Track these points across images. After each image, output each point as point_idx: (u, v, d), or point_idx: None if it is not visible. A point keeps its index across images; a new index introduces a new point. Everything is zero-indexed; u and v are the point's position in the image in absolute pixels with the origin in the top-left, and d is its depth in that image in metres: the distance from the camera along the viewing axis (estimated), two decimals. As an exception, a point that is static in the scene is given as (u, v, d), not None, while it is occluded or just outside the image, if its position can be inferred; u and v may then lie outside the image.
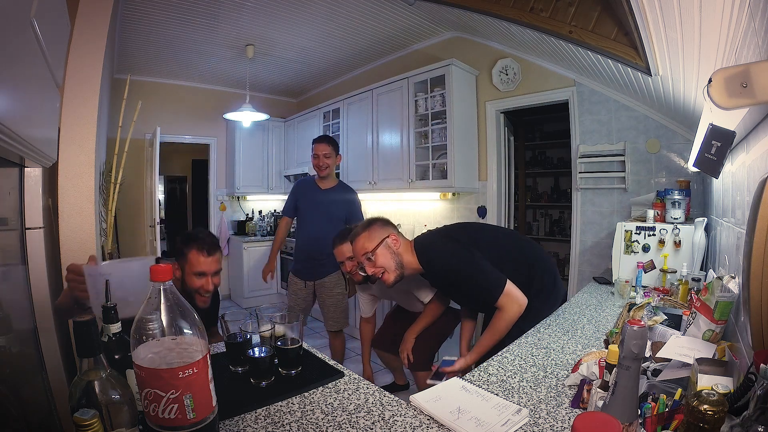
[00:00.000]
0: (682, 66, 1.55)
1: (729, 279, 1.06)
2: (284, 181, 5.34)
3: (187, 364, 0.61)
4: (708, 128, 1.08)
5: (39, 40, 0.63)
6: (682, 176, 2.41)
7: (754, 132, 1.06)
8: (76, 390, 0.59)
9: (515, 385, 1.01)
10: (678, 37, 1.35)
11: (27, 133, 0.58)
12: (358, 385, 1.03)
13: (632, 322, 0.61)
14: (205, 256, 1.43)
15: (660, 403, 0.76)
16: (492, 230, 1.92)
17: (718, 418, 0.50)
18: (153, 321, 0.61)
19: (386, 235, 1.59)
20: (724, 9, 0.94)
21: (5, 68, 0.45)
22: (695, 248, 1.93)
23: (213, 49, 3.96)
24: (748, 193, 1.03)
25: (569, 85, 2.92)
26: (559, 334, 1.40)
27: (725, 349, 0.92)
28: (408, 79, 3.43)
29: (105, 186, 2.82)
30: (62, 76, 1.28)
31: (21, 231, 1.24)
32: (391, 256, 1.57)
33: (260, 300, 4.89)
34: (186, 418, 0.62)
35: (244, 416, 0.87)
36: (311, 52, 4.10)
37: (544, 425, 0.83)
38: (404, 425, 0.84)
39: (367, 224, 1.64)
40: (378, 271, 1.57)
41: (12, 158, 0.99)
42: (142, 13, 3.11)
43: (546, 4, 2.03)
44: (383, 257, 1.56)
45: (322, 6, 3.11)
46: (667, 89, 1.99)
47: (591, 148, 2.86)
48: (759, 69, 0.65)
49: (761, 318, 0.73)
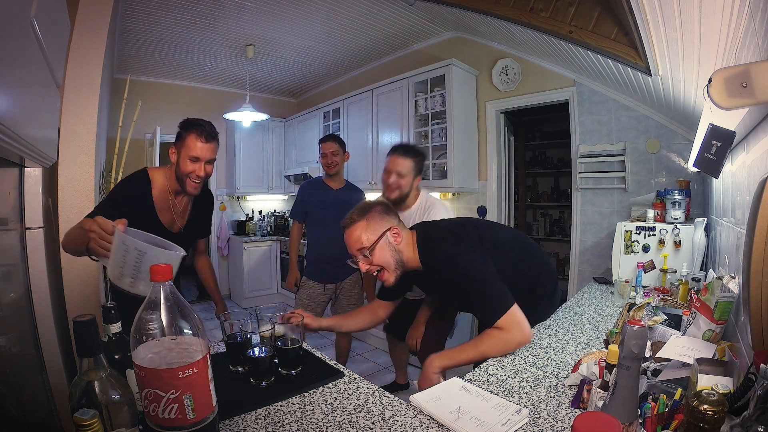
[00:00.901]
0: (682, 66, 1.55)
1: (729, 279, 1.06)
2: (284, 181, 5.34)
3: (187, 364, 0.61)
4: (708, 128, 1.08)
5: (39, 40, 0.63)
6: (682, 176, 2.41)
7: (754, 132, 1.06)
8: (76, 390, 0.59)
9: (515, 385, 1.01)
10: (678, 37, 1.35)
11: (27, 133, 0.58)
12: (358, 385, 1.03)
13: (632, 322, 0.61)
14: (202, 142, 1.47)
15: (660, 403, 0.76)
16: (500, 229, 1.73)
17: (718, 418, 0.50)
18: (153, 321, 0.61)
19: (387, 228, 1.35)
20: (724, 9, 0.94)
21: (5, 68, 0.45)
22: (695, 248, 1.93)
23: (213, 49, 3.96)
24: (748, 193, 1.03)
25: (569, 85, 2.92)
26: (559, 334, 1.40)
27: (725, 349, 0.92)
28: (408, 79, 3.43)
29: (105, 186, 2.82)
30: (62, 76, 1.28)
31: (21, 231, 1.24)
32: (391, 253, 1.35)
33: (260, 300, 4.89)
34: (186, 418, 0.62)
35: (244, 416, 0.87)
36: (311, 52, 4.10)
37: (544, 425, 0.83)
38: (404, 425, 0.84)
39: (364, 210, 1.37)
40: (373, 269, 1.35)
41: (12, 158, 0.99)
42: (142, 13, 3.11)
43: (546, 4, 2.03)
44: (382, 254, 1.33)
45: (322, 6, 3.11)
46: (667, 89, 1.99)
47: (591, 148, 2.86)
48: (759, 69, 0.65)
49: (761, 318, 0.73)
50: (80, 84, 1.90)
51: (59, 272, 1.70)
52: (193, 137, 1.46)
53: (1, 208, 1.09)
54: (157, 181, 1.52)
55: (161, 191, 1.53)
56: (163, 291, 0.62)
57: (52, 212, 1.69)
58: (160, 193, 1.52)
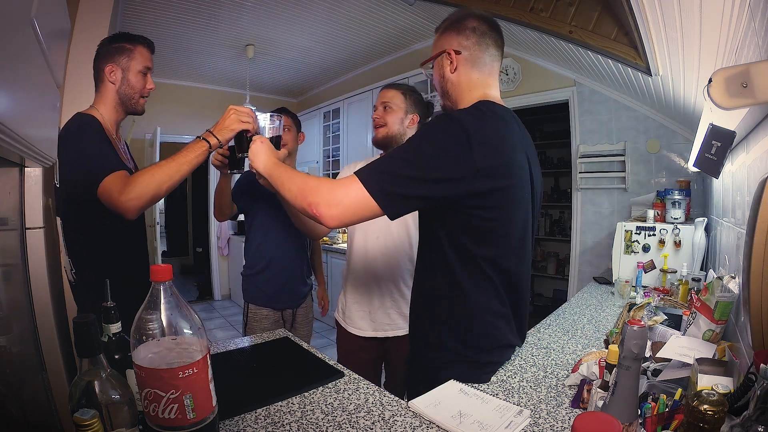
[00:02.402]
0: (682, 66, 1.55)
1: (729, 279, 1.06)
2: (284, 181, 5.33)
3: (187, 364, 0.61)
4: (708, 128, 1.08)
5: (39, 40, 0.63)
6: (682, 176, 2.41)
7: (754, 132, 1.06)
8: (76, 390, 0.59)
9: (515, 385, 1.01)
10: (678, 37, 1.35)
11: (27, 133, 0.58)
12: (358, 385, 1.03)
13: (632, 322, 0.61)
14: (150, 53, 1.36)
15: (660, 403, 0.76)
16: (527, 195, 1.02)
17: (718, 418, 0.50)
18: (153, 321, 0.61)
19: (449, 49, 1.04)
20: (724, 9, 0.94)
21: (5, 68, 0.45)
22: (695, 248, 1.93)
23: (213, 49, 3.96)
24: (748, 193, 1.03)
25: (569, 85, 2.92)
26: (559, 334, 1.40)
27: (725, 349, 0.92)
28: (408, 79, 3.43)
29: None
30: (62, 76, 1.28)
31: (21, 231, 1.24)
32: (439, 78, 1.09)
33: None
34: (186, 418, 0.62)
35: (244, 416, 0.87)
36: (311, 52, 4.10)
37: (544, 425, 0.83)
38: (404, 425, 0.84)
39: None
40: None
41: (12, 158, 0.99)
42: (142, 13, 3.11)
43: (546, 4, 2.04)
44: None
45: (322, 6, 3.11)
46: (667, 89, 1.99)
47: (591, 148, 2.86)
48: (759, 69, 0.66)
49: (761, 318, 0.73)
50: (80, 84, 1.90)
51: (59, 272, 1.70)
52: (143, 49, 1.33)
53: (1, 208, 1.09)
54: (103, 121, 1.31)
55: (108, 133, 1.30)
56: (163, 291, 0.62)
57: (52, 212, 1.69)
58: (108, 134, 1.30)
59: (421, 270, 1.09)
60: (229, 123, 1.18)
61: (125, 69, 1.30)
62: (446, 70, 1.05)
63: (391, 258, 1.62)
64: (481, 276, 0.96)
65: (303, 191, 0.93)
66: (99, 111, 1.32)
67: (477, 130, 0.87)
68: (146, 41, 1.36)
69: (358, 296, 1.66)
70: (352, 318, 1.67)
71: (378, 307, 1.63)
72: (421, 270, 1.09)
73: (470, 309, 0.98)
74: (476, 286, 0.97)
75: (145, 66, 1.33)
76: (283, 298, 1.85)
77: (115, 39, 1.32)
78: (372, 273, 1.64)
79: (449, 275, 0.98)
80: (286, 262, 1.84)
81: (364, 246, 1.66)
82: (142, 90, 1.34)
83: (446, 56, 1.04)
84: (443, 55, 1.05)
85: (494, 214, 0.93)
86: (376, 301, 1.63)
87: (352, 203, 0.88)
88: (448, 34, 1.05)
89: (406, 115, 1.61)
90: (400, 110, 1.60)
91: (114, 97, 1.32)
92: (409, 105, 1.63)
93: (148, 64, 1.34)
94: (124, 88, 1.31)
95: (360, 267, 1.67)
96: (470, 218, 0.92)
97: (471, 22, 1.03)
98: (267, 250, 1.82)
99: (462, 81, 1.04)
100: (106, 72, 1.29)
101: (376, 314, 1.63)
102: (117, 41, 1.32)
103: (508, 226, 0.96)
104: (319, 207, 0.89)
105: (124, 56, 1.30)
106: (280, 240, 1.81)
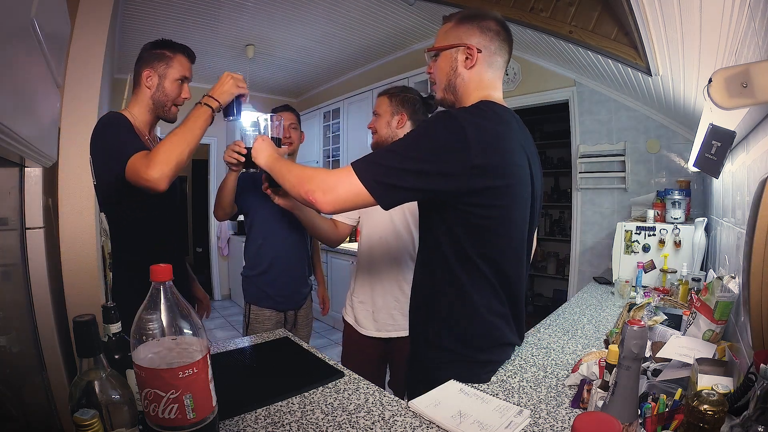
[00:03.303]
0: (682, 66, 1.55)
1: (729, 279, 1.06)
2: (284, 181, 5.33)
3: (187, 364, 0.61)
4: (708, 128, 1.08)
5: (39, 40, 0.63)
6: (682, 176, 2.41)
7: (754, 132, 1.06)
8: (76, 390, 0.59)
9: (515, 385, 1.01)
10: (678, 37, 1.35)
11: (27, 133, 0.58)
12: (358, 385, 1.03)
13: (632, 322, 0.61)
14: (191, 63, 1.39)
15: (660, 403, 0.76)
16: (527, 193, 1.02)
17: (718, 418, 0.50)
18: (153, 321, 0.61)
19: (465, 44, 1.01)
20: (724, 9, 0.94)
21: (5, 68, 0.45)
22: (695, 248, 1.93)
23: (213, 49, 3.96)
24: (748, 193, 1.03)
25: (569, 85, 2.92)
26: (559, 334, 1.40)
27: (725, 349, 0.92)
28: (408, 79, 3.43)
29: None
30: (62, 76, 1.28)
31: (21, 231, 1.24)
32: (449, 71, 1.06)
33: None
34: (186, 418, 0.62)
35: (244, 416, 0.87)
36: (311, 52, 4.11)
37: (544, 425, 0.83)
38: (404, 425, 0.84)
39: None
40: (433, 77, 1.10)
41: (12, 158, 0.99)
42: (143, 12, 3.11)
43: (546, 4, 2.04)
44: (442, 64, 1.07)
45: (322, 6, 3.11)
46: (667, 89, 1.99)
47: (591, 148, 2.86)
48: (759, 69, 0.66)
49: (761, 318, 0.73)
50: (80, 84, 1.90)
51: (59, 272, 1.70)
52: (183, 58, 1.35)
53: (1, 208, 1.09)
54: (134, 121, 1.33)
55: (139, 132, 1.33)
56: (163, 291, 0.62)
57: (52, 212, 1.69)
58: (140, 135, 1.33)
59: (421, 267, 1.09)
60: (228, 87, 1.25)
61: (162, 76, 1.32)
62: (460, 64, 1.04)
63: (394, 259, 1.64)
64: (479, 275, 0.96)
65: (300, 180, 0.97)
66: (132, 113, 1.35)
67: (476, 128, 0.87)
68: (187, 51, 1.38)
69: (363, 296, 1.69)
70: (358, 317, 1.69)
71: (381, 307, 1.64)
72: (420, 267, 1.10)
73: (470, 308, 0.98)
74: (475, 285, 0.97)
75: (182, 75, 1.35)
76: (286, 300, 1.84)
77: (157, 45, 1.34)
78: (375, 273, 1.66)
79: (448, 273, 0.98)
80: (288, 262, 1.83)
81: (369, 246, 1.68)
82: (176, 98, 1.37)
83: (464, 50, 1.02)
84: (461, 48, 1.03)
85: (493, 213, 0.93)
86: (379, 301, 1.64)
87: (345, 191, 0.91)
88: (468, 29, 1.03)
89: (392, 117, 1.64)
90: (386, 114, 1.65)
91: (148, 102, 1.35)
92: (394, 106, 1.65)
93: (185, 73, 1.36)
94: (158, 95, 1.34)
95: (364, 267, 1.69)
96: (469, 216, 0.92)
97: (493, 24, 1.04)
98: (268, 251, 1.82)
99: (474, 79, 1.04)
100: (143, 76, 1.32)
101: (379, 314, 1.64)
102: (158, 47, 1.34)
103: (507, 225, 0.96)
104: (315, 194, 0.93)
105: (163, 63, 1.32)
106: (281, 240, 1.81)
